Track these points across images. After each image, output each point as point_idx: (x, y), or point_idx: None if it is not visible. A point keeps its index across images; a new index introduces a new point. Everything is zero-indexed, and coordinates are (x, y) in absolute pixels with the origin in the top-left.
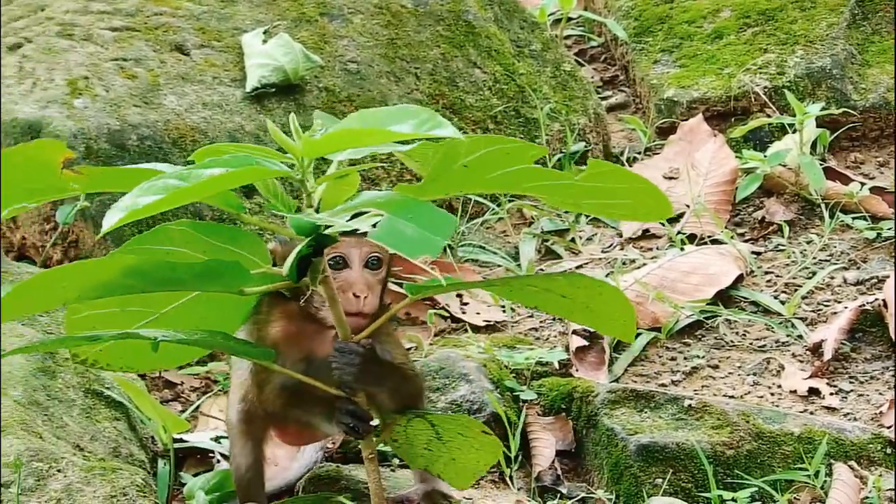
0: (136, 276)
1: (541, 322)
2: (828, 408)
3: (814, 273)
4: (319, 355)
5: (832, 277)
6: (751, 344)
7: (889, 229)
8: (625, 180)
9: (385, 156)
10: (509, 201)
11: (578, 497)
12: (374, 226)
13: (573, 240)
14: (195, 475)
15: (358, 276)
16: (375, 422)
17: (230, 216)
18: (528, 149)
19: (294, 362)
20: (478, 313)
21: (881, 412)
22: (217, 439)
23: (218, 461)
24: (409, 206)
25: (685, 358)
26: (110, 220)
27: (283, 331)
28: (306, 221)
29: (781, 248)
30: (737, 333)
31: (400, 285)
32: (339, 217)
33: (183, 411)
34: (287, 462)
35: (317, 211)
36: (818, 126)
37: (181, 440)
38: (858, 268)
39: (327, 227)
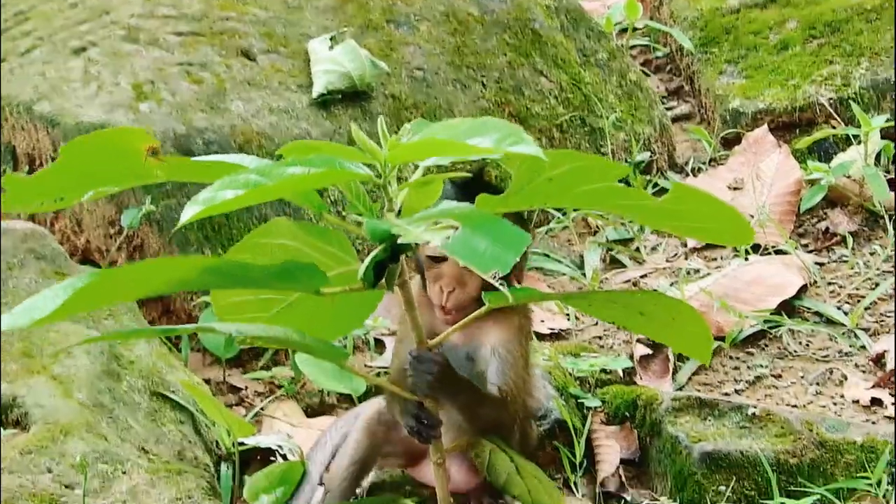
0: (216, 274)
1: (605, 330)
2: (890, 418)
3: (877, 284)
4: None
5: (894, 287)
6: (814, 354)
7: None
8: (707, 204)
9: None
10: (574, 210)
11: None
12: (447, 238)
13: (637, 249)
14: None
15: (451, 269)
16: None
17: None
18: (611, 167)
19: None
20: (542, 321)
21: None
22: (280, 446)
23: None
24: (484, 220)
25: (748, 367)
26: (188, 213)
27: (402, 325)
28: (382, 228)
29: (845, 258)
30: (800, 343)
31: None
32: (416, 226)
33: (247, 415)
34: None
35: (398, 216)
36: (882, 138)
37: (244, 444)
38: None
39: (402, 235)
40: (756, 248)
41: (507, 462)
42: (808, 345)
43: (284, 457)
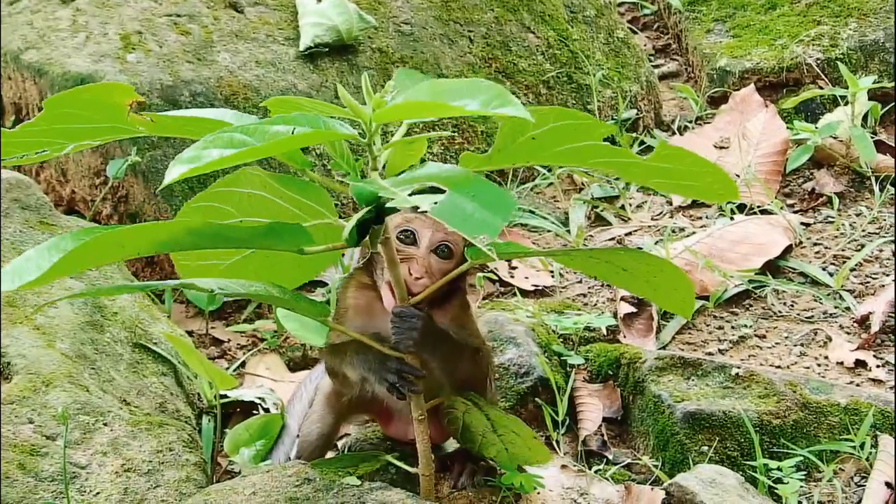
0: (201, 235)
1: (589, 288)
2: (874, 380)
3: (862, 245)
4: (383, 328)
5: (881, 250)
6: (798, 315)
7: None
8: (692, 163)
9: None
10: (560, 167)
11: (624, 463)
12: (435, 203)
13: (623, 207)
14: None
15: (422, 257)
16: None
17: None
18: (596, 126)
19: (363, 333)
20: (526, 278)
21: None
22: (261, 398)
23: None
24: (470, 183)
25: (732, 327)
26: (173, 174)
27: (354, 301)
28: (368, 190)
29: (831, 219)
30: (784, 304)
31: None
32: (401, 188)
33: (229, 368)
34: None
35: (382, 174)
36: (870, 99)
37: (226, 397)
38: None
39: (388, 197)
40: (741, 207)
41: (482, 421)
42: (792, 305)
43: (267, 410)
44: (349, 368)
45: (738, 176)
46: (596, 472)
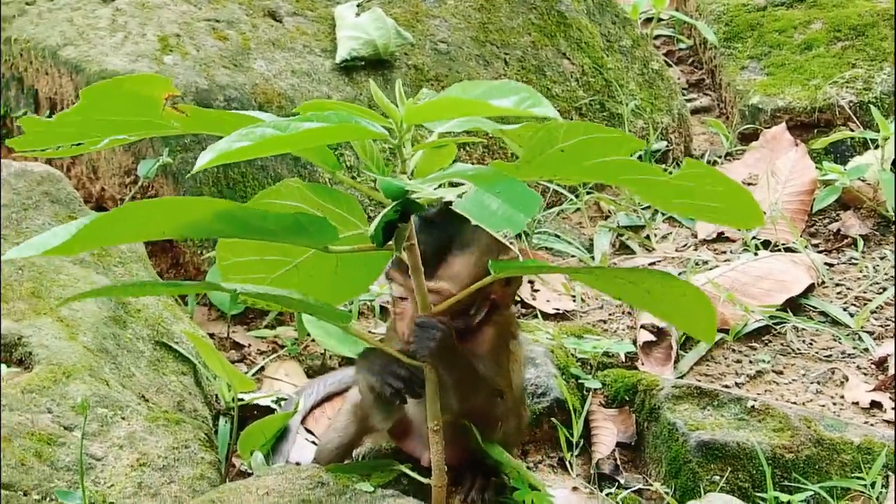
0: (226, 220)
1: (609, 314)
2: (888, 421)
3: (884, 288)
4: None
5: (894, 294)
6: (817, 353)
7: None
8: (719, 184)
9: (485, 136)
10: (588, 193)
11: (635, 488)
12: (460, 196)
13: (648, 237)
14: None
15: (412, 309)
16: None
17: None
18: (625, 140)
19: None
20: (548, 301)
21: None
22: (278, 401)
23: None
24: (497, 181)
25: (750, 361)
26: (204, 159)
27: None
28: (395, 185)
29: (854, 261)
30: (803, 342)
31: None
32: (428, 185)
33: (248, 372)
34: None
35: (410, 178)
36: None
37: (243, 399)
38: None
39: (415, 192)
40: (766, 244)
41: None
42: (811, 343)
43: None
44: (363, 374)
45: (765, 213)
46: (607, 495)
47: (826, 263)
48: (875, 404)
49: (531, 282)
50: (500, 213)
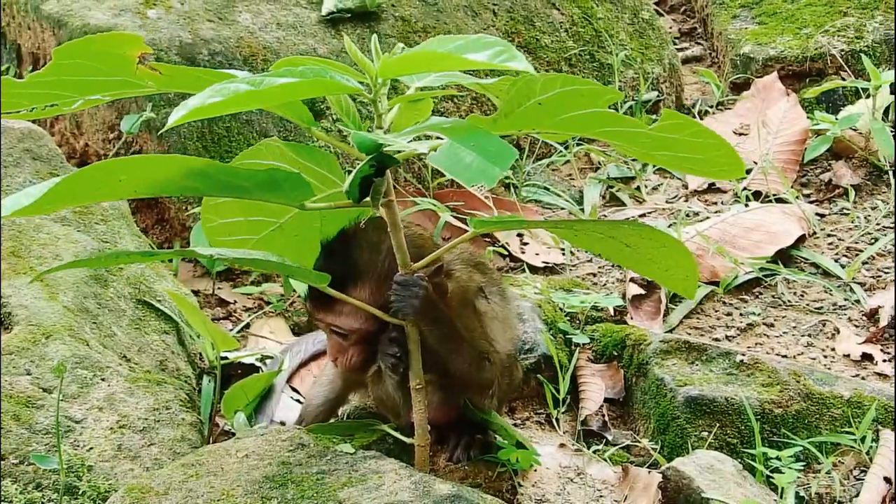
0: (199, 178)
1: (599, 268)
2: (879, 374)
3: (876, 239)
4: None
5: (894, 245)
6: (808, 305)
7: None
8: (698, 135)
9: (462, 90)
10: (577, 145)
11: (623, 444)
12: (434, 149)
13: (638, 188)
14: None
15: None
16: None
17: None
18: (603, 92)
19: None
20: (537, 254)
21: None
22: (262, 359)
23: None
24: (472, 135)
25: (741, 314)
26: (175, 117)
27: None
28: (369, 139)
29: (846, 211)
30: (794, 293)
31: (464, 221)
32: (403, 139)
33: (233, 330)
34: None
35: (385, 132)
36: (892, 93)
37: (227, 358)
38: None
39: (390, 146)
40: (757, 195)
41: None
42: (802, 295)
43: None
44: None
45: (755, 163)
46: (594, 452)
47: (817, 214)
48: (866, 356)
49: (520, 235)
50: (475, 166)
